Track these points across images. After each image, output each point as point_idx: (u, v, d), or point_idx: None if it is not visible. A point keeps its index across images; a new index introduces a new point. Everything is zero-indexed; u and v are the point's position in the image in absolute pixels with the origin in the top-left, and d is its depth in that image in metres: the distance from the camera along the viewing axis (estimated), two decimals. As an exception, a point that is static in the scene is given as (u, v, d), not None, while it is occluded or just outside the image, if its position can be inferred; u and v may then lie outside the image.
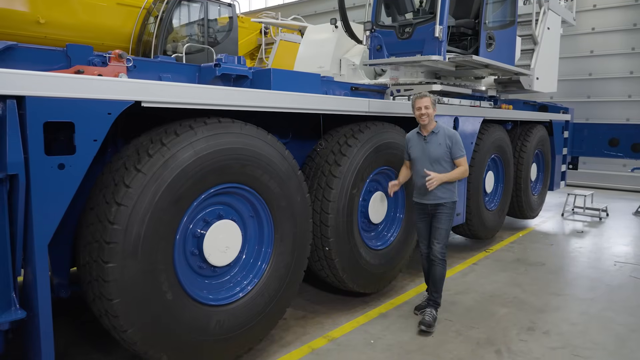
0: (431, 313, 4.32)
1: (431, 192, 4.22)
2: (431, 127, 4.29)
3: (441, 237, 4.31)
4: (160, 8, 10.77)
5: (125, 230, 2.73)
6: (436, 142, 4.24)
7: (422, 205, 4.39)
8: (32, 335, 2.49)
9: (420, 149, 4.30)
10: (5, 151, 2.28)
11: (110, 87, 2.60)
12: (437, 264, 4.33)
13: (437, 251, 4.30)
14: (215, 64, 3.81)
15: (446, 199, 4.28)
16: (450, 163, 4.28)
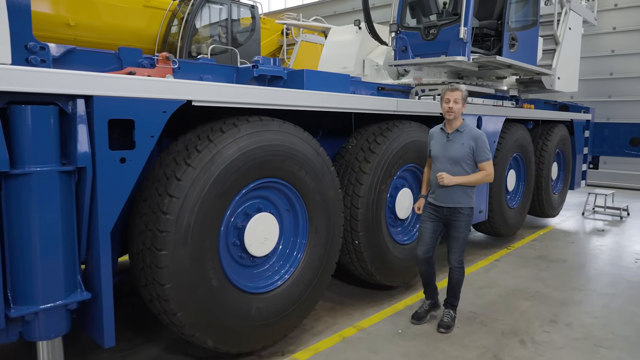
0: (449, 314, 4.27)
1: (448, 195, 3.98)
2: (457, 125, 4.02)
3: (459, 246, 4.12)
4: (185, 10, 11.05)
5: (176, 220, 2.95)
6: (459, 141, 3.97)
7: (436, 207, 4.11)
8: (95, 315, 2.72)
9: (442, 147, 4.04)
10: (75, 146, 2.51)
11: (165, 87, 2.82)
12: (454, 271, 4.20)
13: (455, 260, 4.14)
14: (253, 65, 4.02)
15: (463, 204, 4.01)
16: (472, 166, 3.99)
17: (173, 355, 3.77)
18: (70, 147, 2.53)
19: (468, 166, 3.98)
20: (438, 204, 4.07)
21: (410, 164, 4.94)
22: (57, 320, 2.58)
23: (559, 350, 3.93)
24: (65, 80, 2.43)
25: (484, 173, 3.98)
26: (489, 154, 4.00)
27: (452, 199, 4.00)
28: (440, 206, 4.06)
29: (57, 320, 2.57)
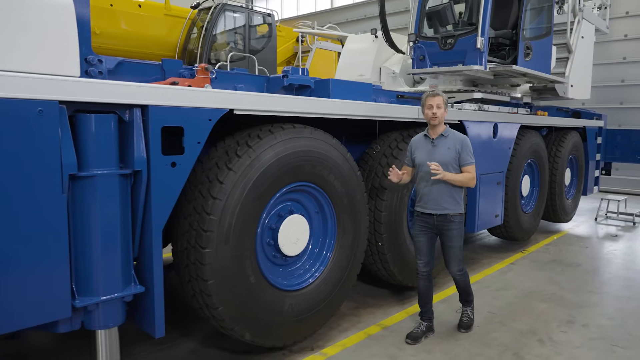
0: (467, 314, 4.40)
1: (434, 200, 3.96)
2: (440, 130, 4.03)
3: (456, 256, 4.10)
4: (204, 19, 11.34)
5: (219, 221, 3.17)
6: (445, 146, 3.98)
7: (425, 217, 4.06)
8: (146, 307, 2.93)
9: (427, 153, 4.00)
10: (132, 151, 2.73)
11: (211, 97, 3.04)
12: (458, 278, 4.24)
13: (455, 269, 4.15)
14: (283, 75, 4.24)
15: (452, 210, 3.98)
16: (457, 170, 3.99)
17: (209, 349, 3.99)
18: (128, 152, 2.76)
19: (455, 170, 3.98)
20: (426, 211, 4.02)
21: (430, 169, 5.12)
22: (114, 311, 2.80)
23: (577, 349, 4.09)
24: (125, 91, 2.66)
25: (469, 175, 3.97)
26: (472, 158, 4.01)
27: (439, 204, 3.97)
28: (429, 214, 4.01)
29: (114, 311, 2.79)
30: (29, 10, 2.38)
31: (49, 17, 2.45)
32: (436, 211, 3.98)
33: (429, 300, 4.29)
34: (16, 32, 2.36)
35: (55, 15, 2.46)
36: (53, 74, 2.44)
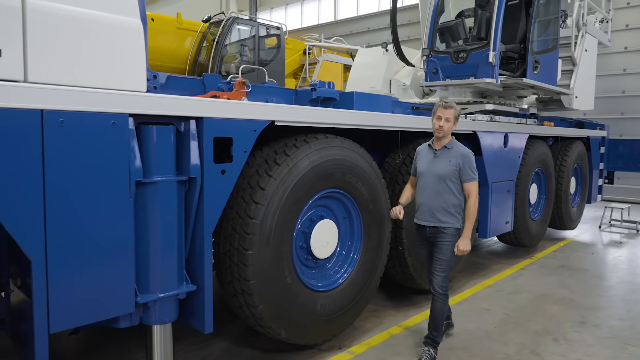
0: (428, 353, 3.89)
1: (429, 212, 3.85)
2: (445, 142, 3.91)
3: (441, 269, 3.86)
4: (215, 32, 11.63)
5: (261, 224, 3.40)
6: (446, 158, 3.85)
7: (420, 229, 3.98)
8: (196, 305, 3.16)
9: (428, 163, 3.92)
10: (187, 159, 2.98)
11: (256, 110, 3.30)
12: (437, 298, 3.91)
13: (437, 284, 3.89)
14: (311, 88, 4.50)
15: (447, 224, 3.82)
16: (457, 185, 3.84)
17: (241, 348, 4.20)
18: (184, 160, 3.00)
19: (453, 184, 3.82)
20: (420, 222, 3.94)
21: (446, 178, 5.37)
22: (169, 308, 3.02)
23: (590, 348, 4.32)
24: (183, 104, 2.91)
25: (472, 198, 3.82)
26: (475, 174, 3.85)
27: (434, 216, 3.85)
28: (423, 226, 3.92)
29: (169, 307, 3.02)
30: (106, 32, 2.63)
31: (122, 38, 2.70)
32: (429, 223, 3.87)
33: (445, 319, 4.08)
34: (94, 51, 2.61)
35: (127, 36, 2.72)
36: (124, 89, 2.69)
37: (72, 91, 2.45)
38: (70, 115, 2.43)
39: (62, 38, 2.50)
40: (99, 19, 2.61)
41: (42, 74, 2.43)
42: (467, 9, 7.02)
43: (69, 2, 2.50)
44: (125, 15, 2.70)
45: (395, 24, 7.95)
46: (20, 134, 2.29)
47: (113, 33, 2.67)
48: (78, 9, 2.53)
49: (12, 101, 2.25)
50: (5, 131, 2.24)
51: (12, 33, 2.31)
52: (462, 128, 5.62)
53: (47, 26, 2.44)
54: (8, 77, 2.31)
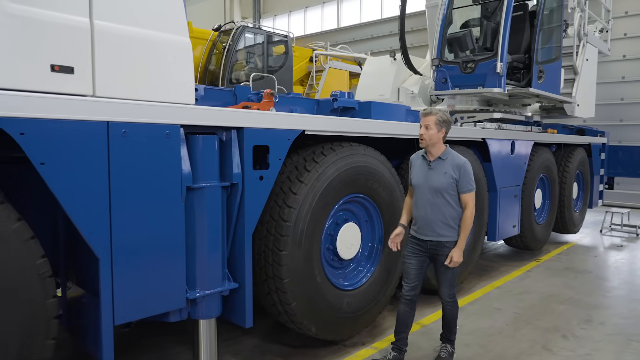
0: (446, 349, 4.04)
1: (429, 226, 3.73)
2: (438, 152, 3.72)
3: (448, 280, 3.86)
4: (225, 40, 11.91)
5: (294, 227, 3.65)
6: (441, 170, 3.68)
7: (419, 241, 3.84)
8: (237, 301, 3.40)
9: (423, 176, 3.75)
10: (230, 166, 3.23)
11: (289, 120, 3.56)
12: (447, 305, 3.96)
13: (446, 294, 3.90)
14: (333, 98, 4.76)
15: (448, 237, 3.73)
16: (454, 197, 3.70)
17: (271, 344, 4.43)
18: (226, 167, 3.25)
19: (450, 196, 3.69)
20: (421, 237, 3.81)
21: (458, 183, 5.63)
22: (214, 304, 3.27)
23: (597, 343, 4.57)
24: (227, 116, 3.17)
25: (469, 210, 3.71)
26: (472, 185, 3.72)
27: (434, 230, 3.73)
28: (424, 240, 3.80)
29: (215, 303, 3.27)
30: (161, 50, 2.89)
31: (175, 55, 2.96)
32: (430, 237, 3.75)
33: (405, 329, 3.97)
34: (151, 68, 2.87)
35: (179, 53, 2.98)
36: (176, 102, 2.94)
37: (133, 104, 2.71)
38: (131, 126, 2.69)
39: (124, 56, 2.75)
40: (155, 39, 2.87)
41: (108, 89, 2.68)
42: (472, 18, 7.32)
43: (130, 24, 2.76)
44: (177, 35, 2.96)
45: (403, 34, 8.23)
46: (90, 143, 2.54)
47: (167, 51, 2.93)
48: (137, 30, 2.79)
49: (83, 114, 2.50)
50: (77, 140, 2.49)
51: (82, 52, 2.56)
52: (471, 135, 5.89)
53: (112, 46, 2.69)
54: (79, 92, 2.57)
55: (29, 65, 2.40)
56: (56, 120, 2.39)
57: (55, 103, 2.38)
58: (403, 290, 3.92)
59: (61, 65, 2.45)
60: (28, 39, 2.38)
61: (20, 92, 2.32)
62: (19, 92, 2.32)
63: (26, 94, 2.33)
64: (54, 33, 2.45)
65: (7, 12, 2.30)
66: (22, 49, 2.37)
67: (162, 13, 2.89)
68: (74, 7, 2.52)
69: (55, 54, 2.46)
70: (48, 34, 2.44)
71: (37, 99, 2.33)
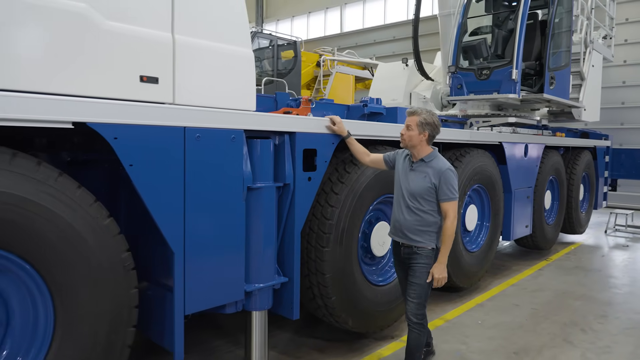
0: None
1: (401, 230, 3.47)
2: (421, 154, 3.44)
3: (415, 295, 3.41)
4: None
5: (335, 225, 3.89)
6: (422, 173, 3.40)
7: (395, 247, 3.62)
8: (285, 295, 3.64)
9: (404, 176, 3.50)
10: (283, 168, 3.47)
11: (334, 125, 3.80)
12: (412, 328, 3.46)
13: (411, 312, 3.44)
14: (363, 104, 5.01)
15: (420, 243, 3.39)
16: (433, 203, 3.39)
17: (304, 338, 4.66)
18: (279, 169, 3.49)
19: (427, 202, 3.39)
20: (395, 238, 3.59)
21: (477, 185, 5.90)
22: (267, 297, 3.50)
23: (615, 336, 4.83)
24: (282, 121, 3.42)
25: (449, 220, 3.37)
26: (454, 194, 3.38)
27: (405, 234, 3.45)
28: (398, 244, 3.57)
29: (267, 296, 3.50)
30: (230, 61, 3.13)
31: (241, 65, 3.20)
32: (401, 239, 3.50)
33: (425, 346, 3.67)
34: (220, 77, 3.11)
35: (244, 64, 3.22)
36: (240, 108, 3.19)
37: (206, 111, 2.95)
38: (204, 131, 2.93)
39: (198, 66, 2.99)
40: (223, 50, 3.10)
41: (185, 97, 2.91)
42: (483, 26, 7.60)
43: (203, 37, 3.00)
44: (242, 47, 3.20)
45: (417, 42, 8.50)
46: (170, 146, 2.78)
47: (234, 61, 3.17)
48: (210, 42, 3.02)
49: (165, 120, 2.74)
50: (159, 144, 2.73)
51: (165, 64, 2.80)
52: (489, 139, 6.15)
53: (189, 57, 2.93)
54: (162, 100, 2.80)
55: (122, 76, 2.63)
56: (143, 126, 2.63)
57: (144, 110, 2.62)
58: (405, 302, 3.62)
59: (148, 76, 2.69)
60: (121, 52, 2.61)
61: (114, 101, 2.55)
62: (114, 100, 2.55)
63: (119, 102, 2.56)
64: (143, 46, 2.69)
65: (104, 28, 2.53)
66: (117, 62, 2.61)
67: (230, 27, 3.13)
68: (159, 23, 2.76)
69: (144, 66, 2.69)
70: (138, 48, 2.67)
71: (129, 107, 2.57)
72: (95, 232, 2.52)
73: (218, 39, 3.08)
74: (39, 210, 2.31)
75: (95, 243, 2.51)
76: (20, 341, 2.43)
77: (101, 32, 2.53)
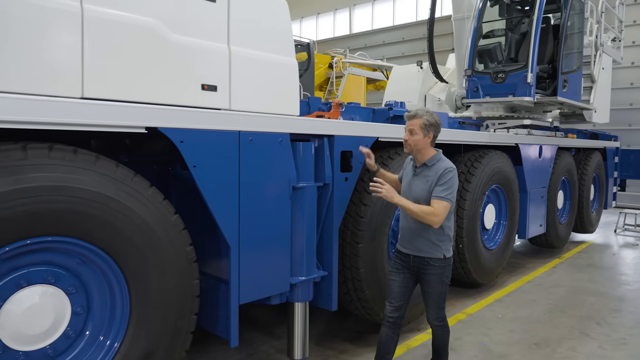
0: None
1: (409, 240, 3.37)
2: (424, 158, 3.34)
3: (434, 302, 3.42)
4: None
5: (369, 222, 4.13)
6: (424, 177, 3.30)
7: (402, 255, 3.48)
8: (324, 288, 3.88)
9: (408, 183, 3.41)
10: (322, 169, 3.71)
11: (369, 129, 4.06)
12: (436, 330, 3.53)
13: (433, 317, 3.47)
14: (388, 107, 5.24)
15: (430, 254, 3.31)
16: None
17: (336, 331, 4.90)
18: (319, 170, 3.73)
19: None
20: (403, 249, 3.47)
21: (495, 185, 6.13)
22: (308, 289, 3.74)
23: (630, 329, 5.06)
24: (324, 125, 3.67)
25: (429, 209, 3.16)
26: (446, 193, 3.20)
27: (414, 245, 3.36)
28: (407, 254, 3.44)
29: (308, 289, 3.74)
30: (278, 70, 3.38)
31: (287, 74, 3.45)
32: (411, 252, 3.39)
33: (387, 355, 3.56)
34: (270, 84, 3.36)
35: (290, 72, 3.47)
36: (286, 113, 3.43)
37: (258, 116, 3.20)
38: (256, 135, 3.17)
39: (250, 74, 3.24)
40: (272, 60, 3.36)
41: (238, 103, 3.16)
42: (496, 29, 7.83)
43: (255, 48, 3.25)
44: (288, 57, 3.45)
45: (432, 46, 8.72)
46: (226, 149, 3.03)
47: (281, 70, 3.42)
48: (260, 53, 3.28)
49: (223, 125, 2.99)
50: (217, 147, 2.97)
51: (223, 73, 3.05)
52: (506, 141, 6.38)
53: (243, 67, 3.18)
54: (220, 106, 3.06)
55: (187, 84, 2.88)
56: (205, 131, 2.88)
57: (207, 116, 2.87)
58: (386, 310, 3.55)
59: (209, 85, 2.94)
60: (186, 63, 2.86)
61: (179, 107, 2.80)
62: (179, 107, 2.80)
63: (184, 108, 2.81)
64: (204, 57, 2.94)
65: (172, 41, 2.78)
66: (183, 71, 2.86)
67: (277, 39, 3.38)
68: (217, 35, 3.02)
69: (205, 75, 2.94)
70: (200, 58, 2.92)
71: (194, 113, 2.82)
72: (164, 227, 2.76)
73: (267, 49, 3.32)
74: (119, 207, 2.56)
75: (164, 237, 2.75)
76: (100, 325, 2.67)
77: (170, 44, 2.78)
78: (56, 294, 2.51)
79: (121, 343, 2.68)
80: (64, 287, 2.55)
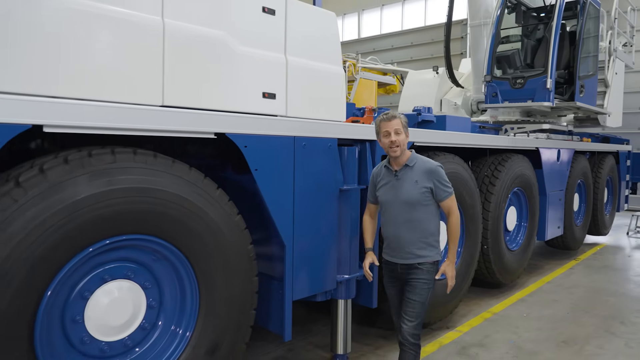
0: None
1: (402, 248, 3.20)
2: (404, 159, 3.21)
3: (414, 314, 3.14)
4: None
5: (405, 223, 4.30)
6: (411, 179, 3.16)
7: (391, 266, 3.30)
8: (364, 286, 4.05)
9: (391, 189, 3.22)
10: (365, 172, 3.89)
11: (406, 133, 4.21)
12: (406, 349, 3.14)
13: (408, 332, 3.13)
14: (417, 113, 5.42)
15: (425, 258, 3.18)
16: (430, 207, 3.20)
17: (367, 327, 5.08)
18: (362, 173, 3.91)
19: (425, 208, 3.18)
20: (391, 259, 3.30)
21: (517, 188, 6.30)
22: (351, 287, 3.91)
23: (653, 328, 5.23)
24: (367, 131, 3.84)
25: (454, 217, 3.21)
26: (450, 188, 3.22)
27: (406, 251, 3.20)
28: (394, 263, 3.27)
29: (352, 287, 3.91)
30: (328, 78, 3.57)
31: (335, 82, 3.64)
32: (404, 260, 3.21)
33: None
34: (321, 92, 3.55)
35: (337, 80, 3.66)
36: (334, 119, 3.62)
37: (311, 122, 3.39)
38: (309, 140, 3.36)
39: (303, 82, 3.43)
40: (322, 69, 3.55)
41: (294, 110, 3.35)
42: (512, 35, 8.01)
43: (308, 58, 3.44)
44: (336, 66, 3.64)
45: (448, 51, 8.91)
46: (283, 153, 3.21)
47: (330, 79, 3.60)
48: (312, 62, 3.47)
49: (282, 130, 3.18)
50: (275, 151, 3.16)
51: (280, 81, 3.23)
52: (527, 145, 6.56)
53: (297, 75, 3.37)
54: (278, 113, 3.24)
55: (250, 92, 3.07)
56: (266, 136, 3.06)
57: (269, 122, 3.06)
58: (395, 324, 3.44)
59: (269, 92, 3.12)
60: (250, 72, 3.05)
61: (244, 114, 2.99)
62: (243, 114, 2.99)
63: (248, 115, 3.00)
64: (265, 67, 3.13)
65: (238, 52, 2.97)
66: (247, 80, 3.05)
67: (327, 49, 3.58)
68: (276, 46, 3.21)
69: (265, 84, 3.13)
70: (261, 68, 3.11)
71: (258, 120, 3.01)
72: (229, 226, 2.94)
73: (318, 59, 3.51)
74: (192, 207, 2.74)
75: (230, 236, 2.93)
76: (171, 318, 2.85)
77: (236, 55, 2.97)
78: (134, 289, 2.69)
79: (192, 333, 2.85)
80: (141, 282, 2.72)
